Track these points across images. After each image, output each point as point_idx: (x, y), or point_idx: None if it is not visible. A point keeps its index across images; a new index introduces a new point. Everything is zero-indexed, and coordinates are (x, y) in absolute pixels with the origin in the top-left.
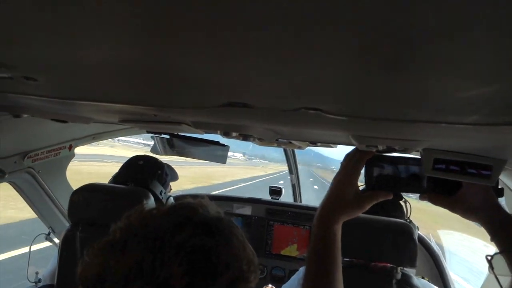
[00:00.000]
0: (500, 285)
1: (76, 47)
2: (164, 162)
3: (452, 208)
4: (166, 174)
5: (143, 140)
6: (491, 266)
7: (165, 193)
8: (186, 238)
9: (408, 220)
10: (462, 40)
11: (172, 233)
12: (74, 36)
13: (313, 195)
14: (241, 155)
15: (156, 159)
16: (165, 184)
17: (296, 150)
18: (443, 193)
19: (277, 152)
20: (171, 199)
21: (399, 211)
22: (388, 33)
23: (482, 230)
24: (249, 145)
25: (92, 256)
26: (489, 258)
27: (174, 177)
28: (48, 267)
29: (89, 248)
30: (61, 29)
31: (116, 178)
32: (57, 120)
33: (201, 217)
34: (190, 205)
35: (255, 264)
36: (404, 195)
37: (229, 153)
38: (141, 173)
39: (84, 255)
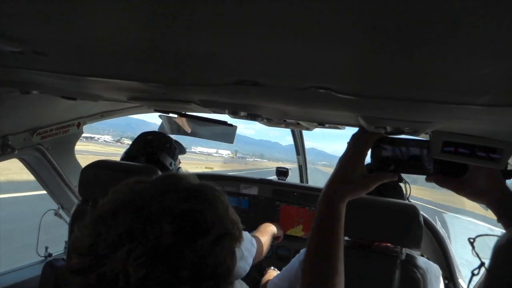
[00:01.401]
0: (483, 263)
1: (86, 23)
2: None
3: (459, 190)
4: (174, 147)
5: None
6: (473, 248)
7: (174, 164)
8: (173, 203)
9: (407, 201)
10: (476, 17)
11: (160, 199)
12: (83, 12)
13: None
14: (228, 152)
15: (163, 134)
16: (174, 157)
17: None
18: (450, 175)
19: (280, 152)
20: (181, 170)
21: (398, 195)
22: (400, 12)
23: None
24: (247, 144)
25: (83, 229)
26: (471, 240)
27: (182, 150)
28: None
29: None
30: (71, 4)
31: (128, 153)
32: (66, 97)
33: (186, 184)
34: (174, 175)
35: (238, 225)
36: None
37: (212, 150)
38: (150, 147)
39: (74, 230)
